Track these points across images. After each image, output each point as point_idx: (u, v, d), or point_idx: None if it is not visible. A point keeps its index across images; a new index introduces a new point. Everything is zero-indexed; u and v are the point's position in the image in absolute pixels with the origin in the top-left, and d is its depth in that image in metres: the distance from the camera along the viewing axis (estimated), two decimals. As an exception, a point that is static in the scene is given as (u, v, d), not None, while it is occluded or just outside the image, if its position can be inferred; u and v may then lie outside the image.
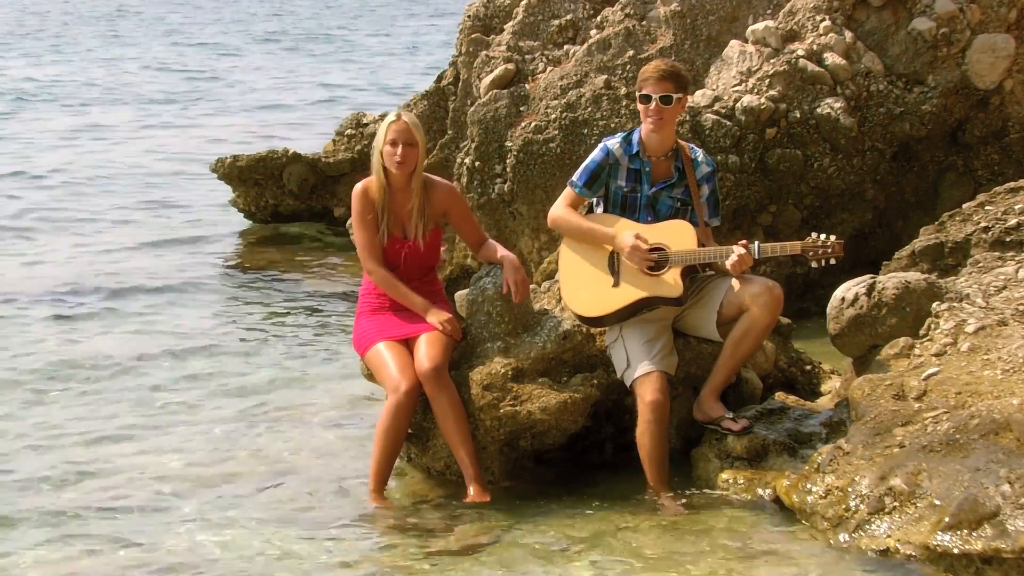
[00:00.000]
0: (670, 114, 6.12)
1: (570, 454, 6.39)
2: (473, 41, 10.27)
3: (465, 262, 9.88)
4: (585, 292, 6.14)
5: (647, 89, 6.08)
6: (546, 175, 9.16)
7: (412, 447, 6.42)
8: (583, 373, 6.23)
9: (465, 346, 6.33)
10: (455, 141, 10.21)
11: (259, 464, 6.71)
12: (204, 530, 5.80)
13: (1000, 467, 5.04)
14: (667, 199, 6.19)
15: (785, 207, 9.12)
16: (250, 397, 7.87)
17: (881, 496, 5.18)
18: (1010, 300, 6.04)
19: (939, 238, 6.64)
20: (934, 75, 9.10)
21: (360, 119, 13.16)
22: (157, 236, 12.74)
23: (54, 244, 12.30)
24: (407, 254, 6.34)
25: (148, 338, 9.16)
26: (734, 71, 9.13)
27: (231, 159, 12.77)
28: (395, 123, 6.25)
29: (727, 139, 8.90)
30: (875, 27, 9.21)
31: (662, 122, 6.10)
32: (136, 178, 15.77)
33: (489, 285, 6.32)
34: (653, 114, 6.08)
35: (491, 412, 6.09)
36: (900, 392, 5.65)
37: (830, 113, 8.93)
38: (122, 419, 7.42)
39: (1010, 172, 8.83)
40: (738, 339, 6.00)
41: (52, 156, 17.19)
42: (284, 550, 5.57)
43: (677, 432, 6.25)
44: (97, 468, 6.64)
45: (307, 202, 12.80)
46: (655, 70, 6.10)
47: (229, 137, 18.36)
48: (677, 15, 9.37)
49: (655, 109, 6.07)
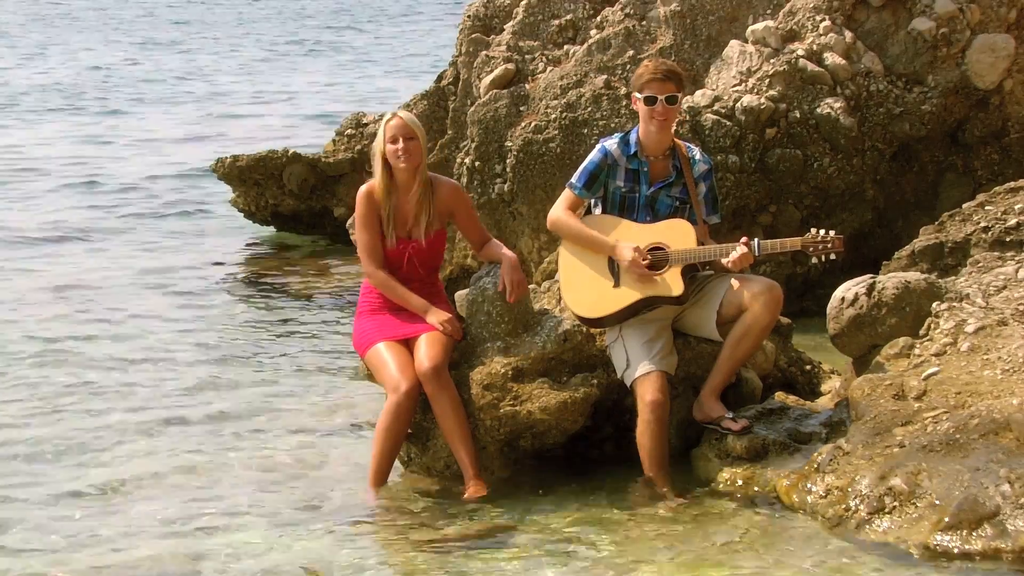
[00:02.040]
0: (674, 113, 6.13)
1: (570, 454, 6.39)
2: (473, 41, 10.27)
3: (465, 262, 9.89)
4: (585, 293, 6.14)
5: (651, 90, 6.07)
6: (546, 175, 9.16)
7: (412, 447, 6.41)
8: (583, 373, 6.22)
9: (465, 346, 6.33)
10: (455, 141, 10.21)
11: (259, 464, 6.70)
12: (204, 530, 5.80)
13: (1000, 467, 5.05)
14: (666, 198, 6.19)
15: (785, 207, 9.12)
16: (250, 397, 7.87)
17: (881, 496, 5.18)
18: (1010, 300, 6.04)
19: (939, 238, 6.64)
20: (934, 75, 9.10)
21: (360, 119, 13.16)
22: (157, 236, 12.75)
23: (55, 245, 12.30)
24: (411, 254, 6.34)
25: (147, 338, 9.16)
26: (734, 71, 9.13)
27: (231, 159, 12.76)
28: (392, 121, 6.27)
29: (727, 139, 8.89)
30: (875, 27, 9.20)
31: (667, 122, 6.10)
32: (137, 178, 15.78)
33: (489, 285, 6.32)
34: (659, 115, 6.07)
35: (491, 412, 6.09)
36: (900, 392, 5.65)
37: (830, 113, 8.92)
38: (116, 419, 7.41)
39: (1010, 172, 8.82)
40: (738, 339, 6.00)
41: (54, 156, 17.23)
42: (285, 549, 5.57)
43: (677, 432, 6.25)
44: (98, 468, 6.63)
45: (307, 202, 12.79)
46: (657, 71, 6.07)
47: (230, 137, 18.40)
48: (677, 15, 9.37)
49: (661, 111, 6.06)
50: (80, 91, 24.12)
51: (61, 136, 19.20)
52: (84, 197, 14.79)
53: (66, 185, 15.40)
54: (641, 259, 6.00)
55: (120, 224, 13.45)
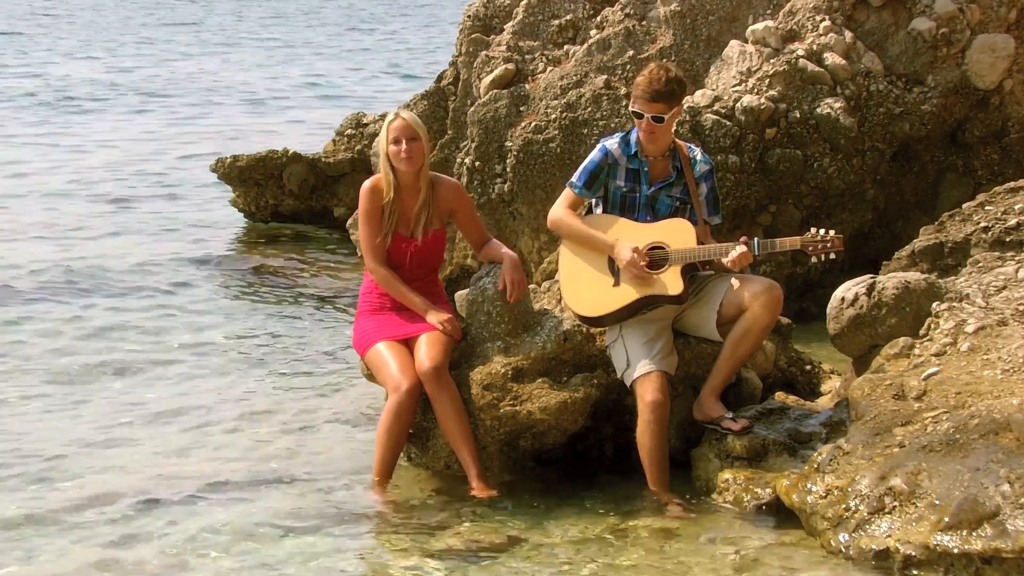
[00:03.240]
0: (663, 129, 6.11)
1: (570, 454, 6.38)
2: (473, 41, 10.27)
3: (465, 262, 9.89)
4: (585, 292, 6.14)
5: (638, 106, 6.06)
6: (546, 175, 9.16)
7: (412, 447, 6.42)
8: (583, 373, 6.23)
9: (465, 346, 6.33)
10: (455, 141, 10.21)
11: (259, 465, 6.69)
12: (206, 530, 5.79)
13: (1000, 467, 5.05)
14: (666, 198, 6.19)
15: (785, 207, 9.12)
16: (250, 397, 7.86)
17: (881, 496, 5.17)
18: (1010, 300, 6.04)
19: (939, 238, 6.64)
20: (934, 75, 9.11)
21: (360, 119, 13.17)
22: (156, 236, 12.74)
23: (54, 245, 12.29)
24: (412, 254, 6.35)
25: (147, 339, 9.15)
26: (734, 71, 9.13)
27: (231, 159, 12.77)
28: (395, 122, 6.26)
29: (727, 139, 8.90)
30: (875, 27, 9.21)
31: (655, 136, 6.11)
32: (136, 178, 15.77)
33: (489, 285, 6.32)
34: (645, 130, 6.09)
35: (491, 412, 6.09)
36: (900, 392, 5.65)
37: (830, 113, 8.93)
38: (118, 420, 7.41)
39: (1010, 172, 8.83)
40: (738, 339, 6.00)
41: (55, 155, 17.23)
42: (288, 550, 5.57)
43: (677, 432, 6.25)
44: (101, 469, 6.63)
45: (307, 202, 12.80)
46: (648, 88, 6.00)
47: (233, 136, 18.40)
48: (677, 15, 9.37)
49: (646, 127, 6.08)
50: (81, 91, 24.13)
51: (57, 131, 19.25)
52: (77, 195, 14.80)
53: (70, 182, 15.43)
54: (640, 258, 6.00)
55: (117, 219, 13.44)
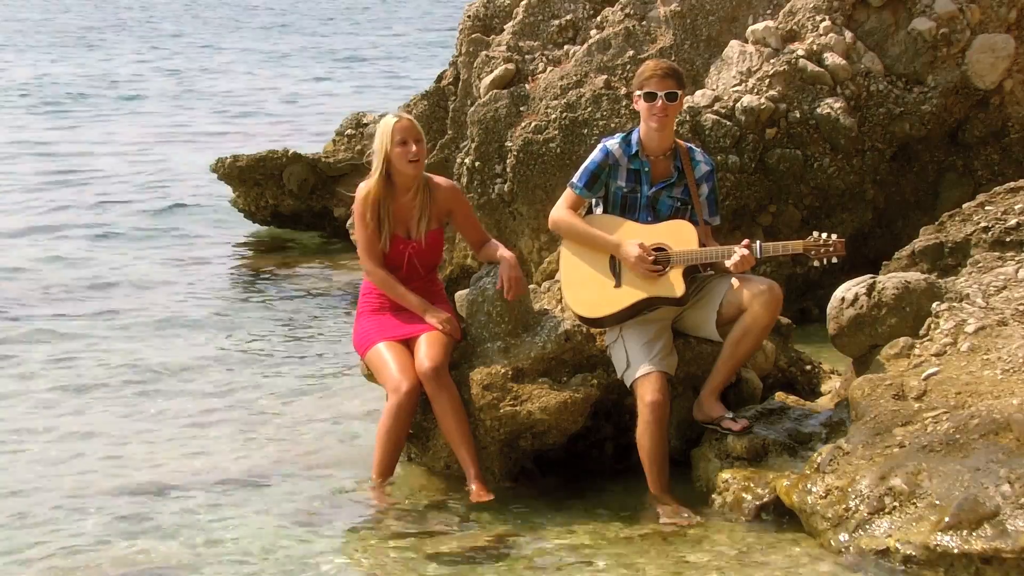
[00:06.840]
0: (674, 111, 6.15)
1: (570, 454, 6.38)
2: (473, 41, 10.27)
3: (465, 262, 9.89)
4: (586, 293, 6.14)
5: (651, 87, 6.08)
6: (546, 175, 9.16)
7: (412, 447, 6.42)
8: (583, 373, 6.23)
9: (465, 346, 6.33)
10: (455, 141, 10.21)
11: (260, 465, 6.70)
12: (208, 530, 5.80)
13: (1000, 467, 5.05)
14: (667, 199, 6.19)
15: (785, 207, 9.12)
16: (250, 398, 7.86)
17: (881, 496, 5.18)
18: (1010, 300, 6.03)
19: (939, 238, 6.63)
20: (934, 75, 9.10)
21: (360, 119, 13.16)
22: (156, 236, 12.75)
23: (53, 245, 12.30)
24: (411, 254, 6.35)
25: (146, 340, 9.16)
26: (734, 71, 9.13)
27: (231, 159, 12.76)
28: (399, 123, 6.26)
29: (727, 139, 8.89)
30: (875, 27, 9.21)
31: (667, 119, 6.11)
32: (137, 178, 15.78)
33: (489, 285, 6.33)
34: (659, 112, 6.09)
35: (491, 412, 6.09)
36: (900, 392, 5.65)
37: (830, 113, 8.93)
38: (125, 423, 7.41)
39: (1010, 172, 8.82)
40: (738, 339, 6.00)
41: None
42: (288, 551, 5.57)
43: (677, 432, 6.25)
44: (103, 469, 6.64)
45: (307, 202, 12.79)
46: (657, 68, 6.11)
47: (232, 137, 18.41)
48: (677, 15, 9.37)
49: (660, 107, 6.08)
50: (83, 90, 24.13)
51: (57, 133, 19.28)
52: (73, 196, 14.80)
53: (62, 183, 15.42)
54: (646, 255, 6.00)
55: (120, 222, 13.44)
